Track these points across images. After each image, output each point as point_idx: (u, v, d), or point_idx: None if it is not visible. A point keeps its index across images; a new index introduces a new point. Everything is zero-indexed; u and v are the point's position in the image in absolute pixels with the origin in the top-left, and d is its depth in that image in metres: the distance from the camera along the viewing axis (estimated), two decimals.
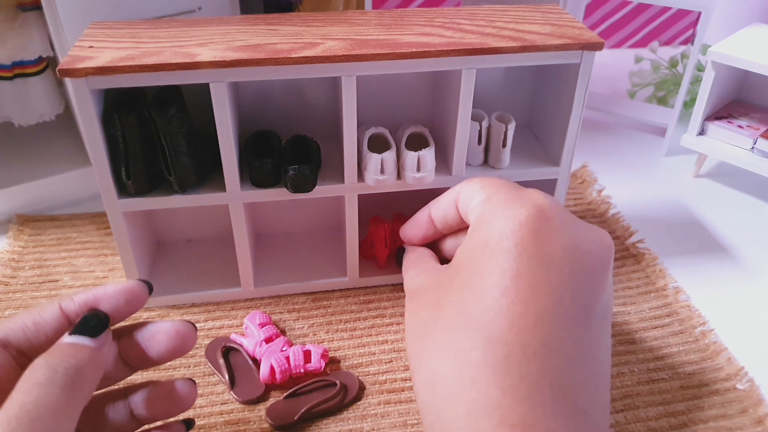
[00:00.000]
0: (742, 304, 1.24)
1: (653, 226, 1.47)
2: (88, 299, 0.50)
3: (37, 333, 0.47)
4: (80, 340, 0.44)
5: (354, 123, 1.07)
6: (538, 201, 0.60)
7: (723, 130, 1.63)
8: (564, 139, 1.17)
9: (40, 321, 0.49)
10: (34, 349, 0.48)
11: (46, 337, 0.48)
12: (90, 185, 1.44)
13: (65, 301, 0.49)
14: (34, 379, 0.40)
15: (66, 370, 0.40)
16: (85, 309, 0.50)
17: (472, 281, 0.49)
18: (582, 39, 1.07)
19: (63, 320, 0.49)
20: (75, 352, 0.43)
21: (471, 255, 0.54)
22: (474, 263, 0.51)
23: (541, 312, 0.47)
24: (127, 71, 0.98)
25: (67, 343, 0.44)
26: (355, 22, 1.15)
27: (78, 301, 0.49)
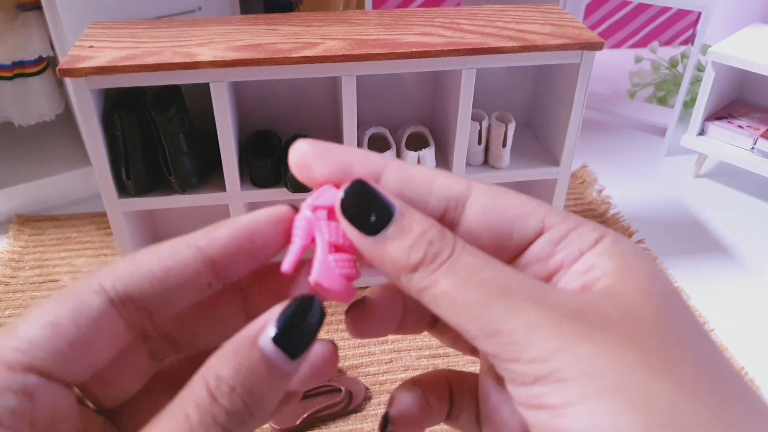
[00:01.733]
0: (742, 304, 1.24)
1: (653, 226, 1.46)
2: (239, 233, 0.32)
3: (168, 284, 0.31)
4: (280, 360, 0.29)
5: (354, 123, 1.07)
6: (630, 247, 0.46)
7: (723, 130, 1.63)
8: (564, 139, 1.17)
9: (172, 267, 0.31)
10: (162, 306, 0.32)
11: (180, 290, 0.32)
12: (90, 185, 1.44)
13: (204, 240, 0.32)
14: (215, 412, 0.28)
15: (250, 416, 0.28)
16: (235, 248, 0.32)
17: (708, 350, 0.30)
18: (582, 39, 1.07)
19: (203, 267, 0.32)
20: (268, 380, 0.29)
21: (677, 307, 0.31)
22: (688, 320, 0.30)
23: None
24: (127, 71, 0.98)
25: (263, 357, 0.28)
26: (355, 22, 1.15)
27: (225, 237, 0.32)
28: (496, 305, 0.27)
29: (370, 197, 0.30)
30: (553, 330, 0.26)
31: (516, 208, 0.31)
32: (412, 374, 1.15)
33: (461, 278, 0.28)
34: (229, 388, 0.28)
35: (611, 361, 0.25)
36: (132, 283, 0.31)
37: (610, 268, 0.29)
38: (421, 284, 0.28)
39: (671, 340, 0.27)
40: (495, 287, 0.27)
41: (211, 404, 0.27)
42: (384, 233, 0.29)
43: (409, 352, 1.11)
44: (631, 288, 0.29)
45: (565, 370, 0.25)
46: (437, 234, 0.29)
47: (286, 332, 0.29)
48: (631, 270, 0.29)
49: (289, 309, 0.29)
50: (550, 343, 0.26)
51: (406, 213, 0.29)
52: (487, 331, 0.27)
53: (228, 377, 0.28)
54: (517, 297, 0.27)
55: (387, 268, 0.29)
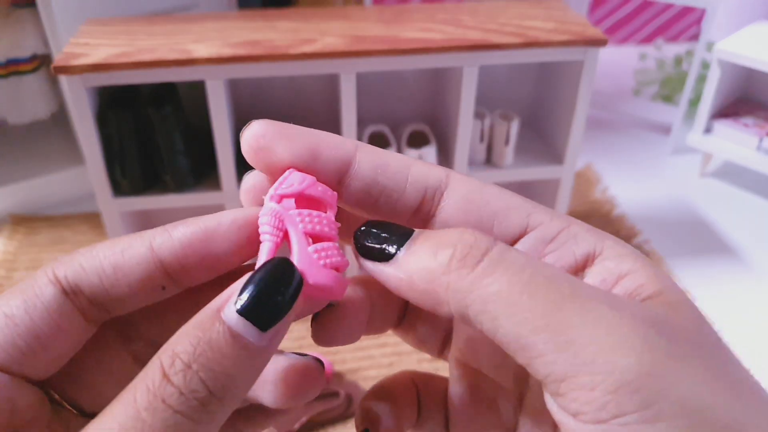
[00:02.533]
0: (749, 305, 1.23)
1: (658, 226, 1.45)
2: (194, 236, 0.29)
3: (117, 281, 0.29)
4: (248, 333, 0.25)
5: (353, 121, 1.05)
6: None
7: (729, 128, 1.61)
8: (568, 137, 1.15)
9: (122, 265, 0.29)
10: (112, 303, 0.30)
11: (129, 289, 0.30)
12: (85, 184, 1.42)
13: (159, 238, 0.29)
14: (167, 394, 0.25)
15: (211, 397, 0.25)
16: (191, 251, 0.30)
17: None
18: (586, 35, 1.05)
19: (154, 268, 0.30)
20: (233, 356, 0.25)
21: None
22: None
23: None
24: (122, 68, 0.96)
25: (226, 330, 0.25)
26: (355, 17, 1.13)
27: (179, 239, 0.29)
28: (570, 307, 0.21)
29: (385, 226, 0.26)
30: (643, 346, 0.21)
31: (499, 201, 0.28)
32: None
33: (518, 274, 0.22)
34: (184, 365, 0.24)
35: (714, 396, 0.21)
36: (83, 276, 0.29)
37: (644, 278, 0.25)
38: (463, 284, 0.23)
39: (728, 356, 0.23)
40: (566, 282, 0.22)
41: (162, 384, 0.24)
42: (410, 242, 0.25)
43: (410, 355, 1.10)
44: (679, 299, 0.24)
45: (661, 404, 0.20)
46: (468, 234, 0.24)
47: (255, 300, 0.25)
48: (662, 278, 0.25)
49: (257, 274, 0.25)
50: (642, 364, 0.20)
51: (425, 233, 0.25)
52: (558, 343, 0.21)
53: (183, 353, 0.24)
54: (591, 296, 0.22)
55: (417, 282, 0.24)
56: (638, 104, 1.90)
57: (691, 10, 2.43)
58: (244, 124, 0.88)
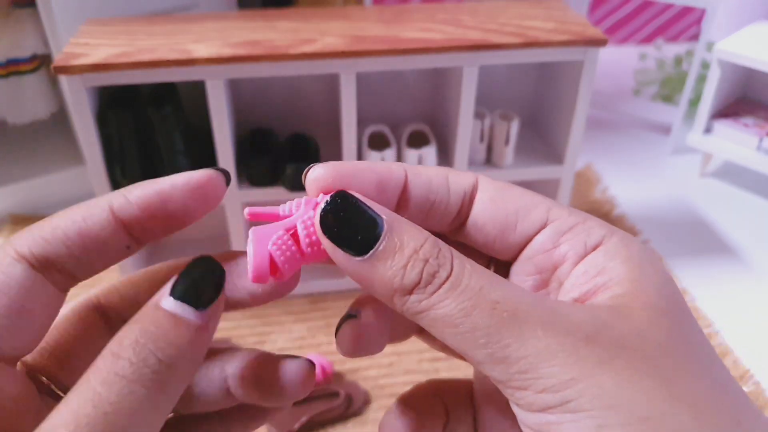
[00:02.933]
0: (749, 305, 1.22)
1: (658, 226, 1.44)
2: (150, 200, 0.31)
3: (83, 247, 0.30)
4: (185, 313, 0.28)
5: (353, 121, 1.05)
6: (653, 254, 0.46)
7: (729, 128, 1.61)
8: (568, 137, 1.15)
9: (86, 231, 0.31)
10: (81, 268, 0.32)
11: (97, 253, 0.31)
12: (84, 184, 1.42)
13: (117, 200, 0.31)
14: (118, 367, 0.26)
15: (160, 363, 0.27)
16: (148, 213, 0.32)
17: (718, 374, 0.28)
18: (586, 35, 1.05)
19: (117, 228, 0.31)
20: (175, 331, 0.27)
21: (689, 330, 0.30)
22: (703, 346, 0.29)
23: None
24: (122, 68, 0.96)
25: (166, 313, 0.28)
26: (355, 17, 1.13)
27: (136, 201, 0.31)
28: (507, 330, 0.24)
29: (354, 211, 0.27)
30: (568, 359, 0.24)
31: (521, 200, 0.29)
32: (413, 378, 1.14)
33: (466, 300, 0.25)
34: (132, 341, 0.26)
35: (634, 392, 0.23)
36: (48, 248, 0.30)
37: (621, 276, 0.27)
38: (417, 307, 0.26)
39: (688, 365, 0.25)
40: (505, 309, 0.25)
41: (113, 360, 0.25)
42: (373, 253, 0.26)
43: (409, 355, 1.10)
44: (643, 304, 0.26)
45: (580, 401, 0.23)
46: (432, 249, 0.26)
47: (186, 286, 0.28)
48: (642, 280, 0.27)
49: (185, 268, 0.28)
50: (564, 373, 0.24)
51: (395, 226, 0.26)
52: (494, 358, 0.24)
53: (130, 334, 0.26)
54: (529, 320, 0.25)
55: (378, 290, 0.26)
56: (638, 104, 1.90)
57: (691, 10, 2.43)
58: (244, 124, 0.89)
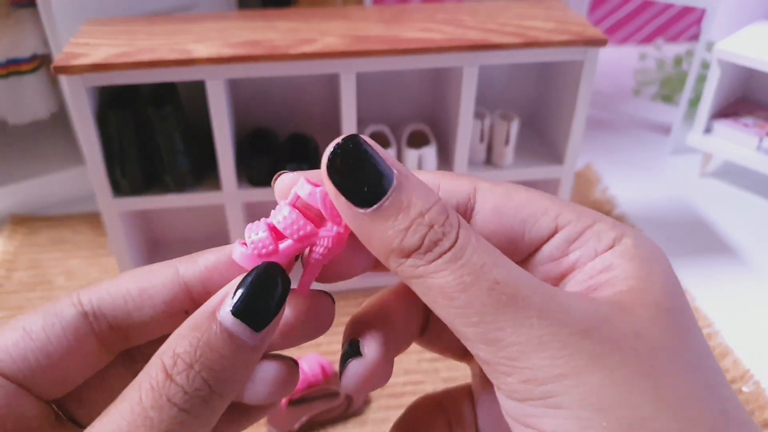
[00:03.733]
0: (748, 305, 1.22)
1: (658, 226, 1.44)
2: (220, 262, 0.30)
3: (142, 304, 0.29)
4: (243, 334, 0.26)
5: (353, 121, 1.05)
6: (655, 251, 0.43)
7: (728, 128, 1.61)
8: (568, 137, 1.15)
9: (148, 288, 0.30)
10: (134, 329, 0.30)
11: (153, 311, 0.29)
12: (85, 184, 1.42)
13: (184, 265, 0.30)
14: (171, 392, 0.25)
15: (212, 393, 0.26)
16: (218, 279, 0.30)
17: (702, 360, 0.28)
18: (586, 35, 1.05)
19: (180, 293, 0.30)
20: (231, 355, 0.26)
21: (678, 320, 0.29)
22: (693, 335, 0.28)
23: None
24: (122, 68, 0.96)
25: (223, 331, 0.26)
26: (355, 17, 1.13)
27: (206, 265, 0.30)
28: (503, 313, 0.23)
29: (364, 159, 0.25)
30: (561, 351, 0.23)
31: (528, 208, 0.28)
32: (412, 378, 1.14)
33: (466, 275, 0.24)
34: (186, 366, 0.25)
35: (622, 395, 0.23)
36: (107, 299, 0.29)
37: (628, 273, 0.26)
38: (413, 272, 0.24)
39: (683, 368, 0.24)
40: (504, 292, 0.24)
41: (166, 384, 0.25)
42: (377, 208, 0.24)
43: (409, 355, 1.10)
44: (646, 301, 0.26)
45: (565, 397, 0.23)
46: (439, 215, 0.24)
47: (247, 303, 0.26)
48: (648, 278, 0.26)
49: (248, 278, 0.26)
50: (554, 367, 0.23)
51: (405, 184, 0.25)
52: (486, 338, 0.24)
53: (185, 354, 0.25)
54: (527, 306, 0.24)
55: (374, 247, 0.25)
56: (638, 104, 1.90)
57: (691, 10, 2.43)
58: (244, 124, 0.90)
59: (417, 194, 0.25)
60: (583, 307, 0.24)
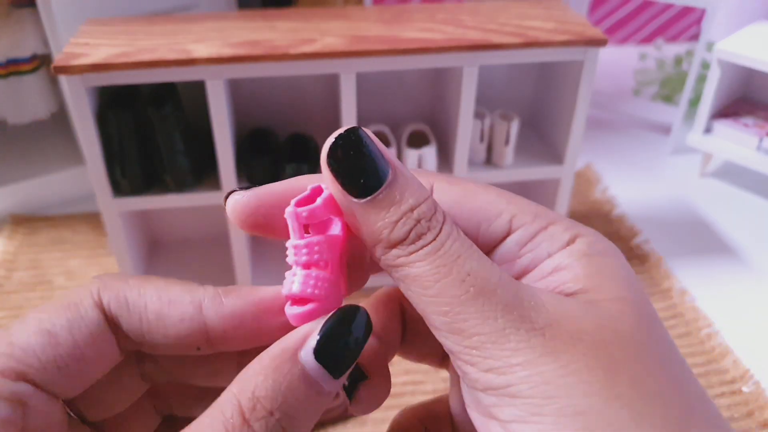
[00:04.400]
0: (749, 305, 1.22)
1: (658, 226, 1.44)
2: (248, 311, 0.29)
3: (156, 330, 0.29)
4: (323, 380, 0.25)
5: (353, 120, 1.05)
6: (608, 246, 0.44)
7: (728, 128, 1.61)
8: (568, 137, 1.15)
9: (167, 316, 0.28)
10: (144, 343, 0.29)
11: (165, 340, 0.29)
12: (85, 184, 1.42)
13: (209, 301, 0.28)
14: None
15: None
16: (236, 325, 0.29)
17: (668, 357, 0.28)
18: (586, 35, 1.05)
19: (197, 329, 0.29)
20: (309, 401, 0.25)
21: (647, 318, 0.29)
22: (658, 332, 0.29)
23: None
24: (122, 68, 0.96)
25: (303, 374, 0.25)
26: (355, 17, 1.13)
27: (232, 309, 0.29)
28: (470, 305, 0.24)
29: (363, 152, 0.25)
30: (519, 344, 0.24)
31: (483, 210, 0.28)
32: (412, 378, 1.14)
33: (441, 265, 0.25)
34: (267, 412, 0.24)
35: (573, 386, 0.23)
36: (125, 313, 0.28)
37: (579, 273, 0.26)
38: (395, 261, 0.25)
39: (646, 362, 0.25)
40: (473, 284, 0.25)
41: (243, 429, 0.24)
42: (371, 199, 0.25)
43: None
44: (610, 296, 0.26)
45: (520, 386, 0.23)
46: (428, 210, 0.25)
47: (329, 346, 0.25)
48: (607, 276, 0.27)
49: (331, 320, 0.26)
50: (512, 357, 0.24)
51: (399, 179, 0.25)
52: (451, 327, 0.25)
53: (265, 399, 0.24)
54: (493, 299, 0.24)
55: (363, 235, 0.26)
56: (638, 104, 1.90)
57: (691, 10, 2.43)
58: (244, 124, 0.90)
59: (410, 190, 0.25)
60: (548, 302, 0.25)
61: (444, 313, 0.25)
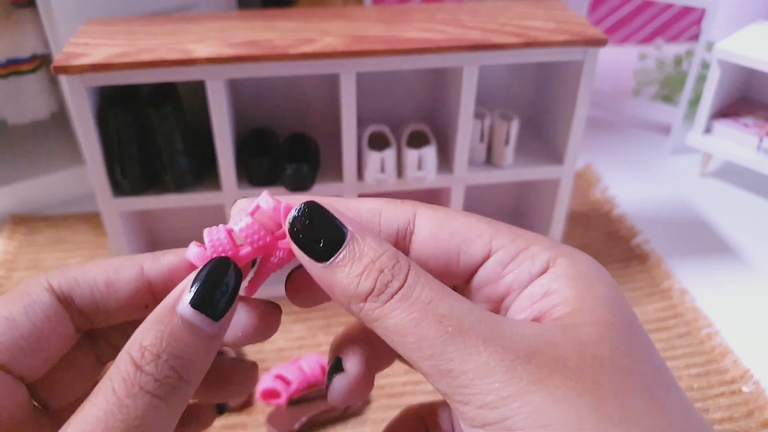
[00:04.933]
0: (749, 305, 1.22)
1: (658, 227, 1.44)
2: (182, 264, 0.33)
3: (107, 297, 0.33)
4: (202, 323, 0.29)
5: (353, 121, 1.05)
6: (586, 260, 0.44)
7: (728, 128, 1.61)
8: (568, 137, 1.15)
9: (114, 282, 0.33)
10: (99, 315, 0.33)
11: (117, 304, 0.33)
12: (84, 184, 1.42)
13: (149, 262, 0.34)
14: (143, 381, 0.27)
15: (180, 379, 0.28)
16: (177, 277, 0.34)
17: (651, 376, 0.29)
18: (586, 35, 1.05)
19: (143, 287, 0.33)
20: (193, 343, 0.28)
21: (626, 336, 0.30)
22: (638, 351, 0.30)
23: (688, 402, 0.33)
24: (122, 68, 0.96)
25: (183, 322, 0.28)
26: (355, 17, 1.13)
27: (168, 264, 0.34)
28: (451, 344, 0.25)
29: (321, 220, 0.28)
30: (505, 375, 0.25)
31: (463, 232, 0.30)
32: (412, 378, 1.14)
33: (415, 312, 0.26)
34: (154, 356, 0.27)
35: (564, 412, 0.24)
36: (76, 289, 0.32)
37: (568, 296, 0.27)
38: (371, 315, 0.27)
39: (629, 383, 0.26)
40: (450, 324, 0.26)
41: (137, 374, 0.27)
42: (333, 260, 0.27)
43: None
44: (590, 320, 0.27)
45: (515, 419, 0.24)
46: (389, 260, 0.27)
47: (204, 295, 0.29)
48: (589, 296, 0.28)
49: (203, 272, 0.29)
50: (501, 390, 0.24)
51: (358, 237, 0.28)
52: (439, 370, 0.26)
53: (151, 346, 0.28)
54: (472, 335, 0.25)
55: (337, 296, 0.28)
56: (638, 104, 1.90)
57: (691, 10, 2.43)
58: (244, 124, 0.91)
59: (369, 245, 0.28)
60: (527, 331, 0.26)
61: (429, 357, 0.26)
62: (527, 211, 1.38)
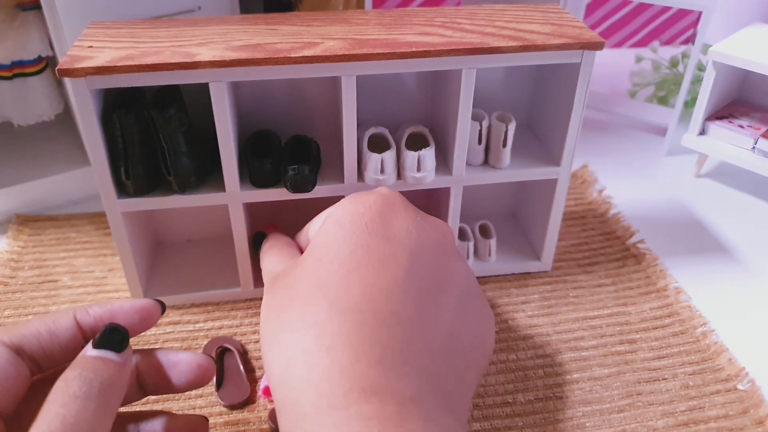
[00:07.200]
0: (743, 304, 1.23)
1: (654, 227, 1.46)
2: (104, 314, 0.49)
3: (51, 342, 0.47)
4: (107, 354, 0.44)
5: (354, 123, 1.06)
6: (383, 190, 0.73)
7: (724, 130, 1.62)
8: (564, 138, 1.16)
9: (55, 330, 0.48)
10: (46, 359, 0.48)
11: (60, 348, 0.48)
12: (89, 185, 1.43)
13: (80, 313, 0.49)
14: (71, 391, 0.40)
15: (100, 384, 0.41)
16: (101, 323, 0.50)
17: (327, 256, 0.54)
18: (582, 38, 1.07)
19: (77, 332, 0.49)
20: (104, 366, 0.43)
21: (325, 234, 0.58)
22: (328, 241, 0.56)
23: (390, 283, 0.53)
24: (126, 71, 0.98)
25: (93, 356, 0.44)
26: (355, 21, 1.14)
27: (93, 314, 0.49)
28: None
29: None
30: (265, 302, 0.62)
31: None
32: None
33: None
34: (77, 375, 0.42)
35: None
36: (24, 340, 0.46)
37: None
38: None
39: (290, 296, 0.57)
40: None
41: (67, 389, 0.42)
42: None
43: None
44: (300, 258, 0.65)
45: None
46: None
47: (104, 340, 0.46)
48: (329, 214, 0.68)
49: (102, 333, 0.47)
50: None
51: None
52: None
53: (73, 368, 0.44)
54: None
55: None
56: (634, 106, 1.92)
57: (687, 13, 2.45)
58: (247, 126, 1.03)
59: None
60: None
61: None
62: (525, 211, 1.40)
